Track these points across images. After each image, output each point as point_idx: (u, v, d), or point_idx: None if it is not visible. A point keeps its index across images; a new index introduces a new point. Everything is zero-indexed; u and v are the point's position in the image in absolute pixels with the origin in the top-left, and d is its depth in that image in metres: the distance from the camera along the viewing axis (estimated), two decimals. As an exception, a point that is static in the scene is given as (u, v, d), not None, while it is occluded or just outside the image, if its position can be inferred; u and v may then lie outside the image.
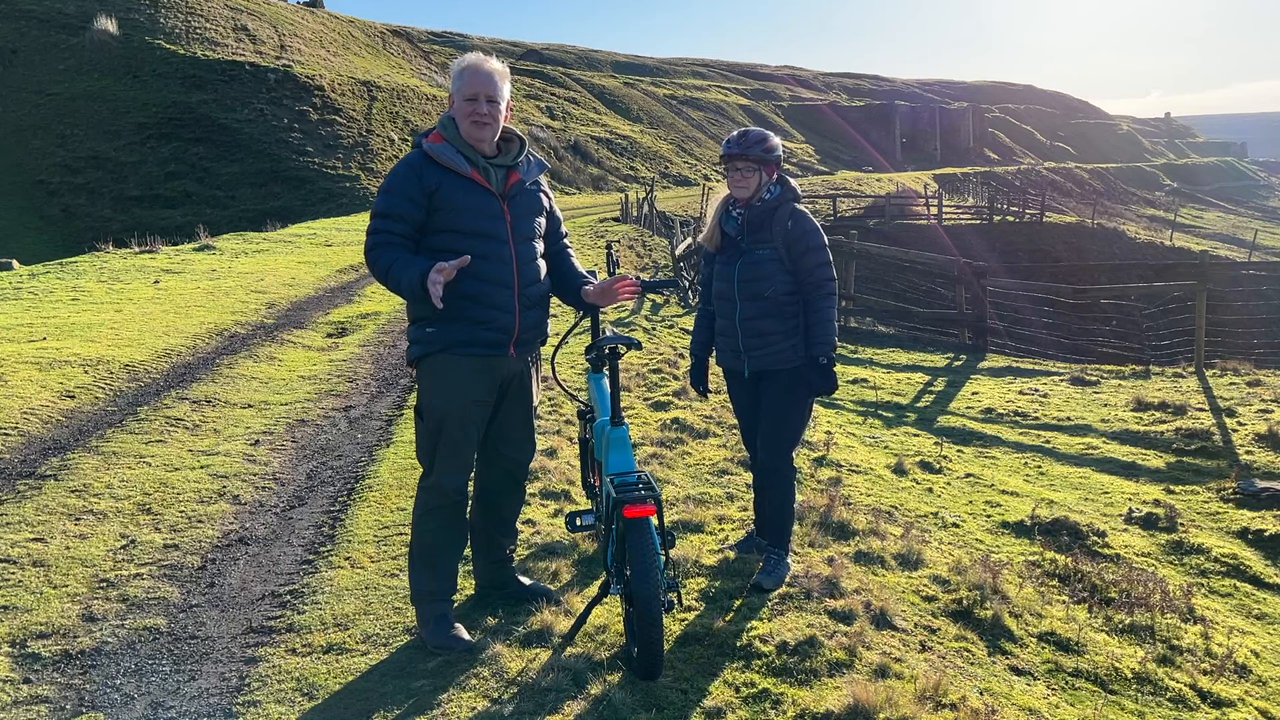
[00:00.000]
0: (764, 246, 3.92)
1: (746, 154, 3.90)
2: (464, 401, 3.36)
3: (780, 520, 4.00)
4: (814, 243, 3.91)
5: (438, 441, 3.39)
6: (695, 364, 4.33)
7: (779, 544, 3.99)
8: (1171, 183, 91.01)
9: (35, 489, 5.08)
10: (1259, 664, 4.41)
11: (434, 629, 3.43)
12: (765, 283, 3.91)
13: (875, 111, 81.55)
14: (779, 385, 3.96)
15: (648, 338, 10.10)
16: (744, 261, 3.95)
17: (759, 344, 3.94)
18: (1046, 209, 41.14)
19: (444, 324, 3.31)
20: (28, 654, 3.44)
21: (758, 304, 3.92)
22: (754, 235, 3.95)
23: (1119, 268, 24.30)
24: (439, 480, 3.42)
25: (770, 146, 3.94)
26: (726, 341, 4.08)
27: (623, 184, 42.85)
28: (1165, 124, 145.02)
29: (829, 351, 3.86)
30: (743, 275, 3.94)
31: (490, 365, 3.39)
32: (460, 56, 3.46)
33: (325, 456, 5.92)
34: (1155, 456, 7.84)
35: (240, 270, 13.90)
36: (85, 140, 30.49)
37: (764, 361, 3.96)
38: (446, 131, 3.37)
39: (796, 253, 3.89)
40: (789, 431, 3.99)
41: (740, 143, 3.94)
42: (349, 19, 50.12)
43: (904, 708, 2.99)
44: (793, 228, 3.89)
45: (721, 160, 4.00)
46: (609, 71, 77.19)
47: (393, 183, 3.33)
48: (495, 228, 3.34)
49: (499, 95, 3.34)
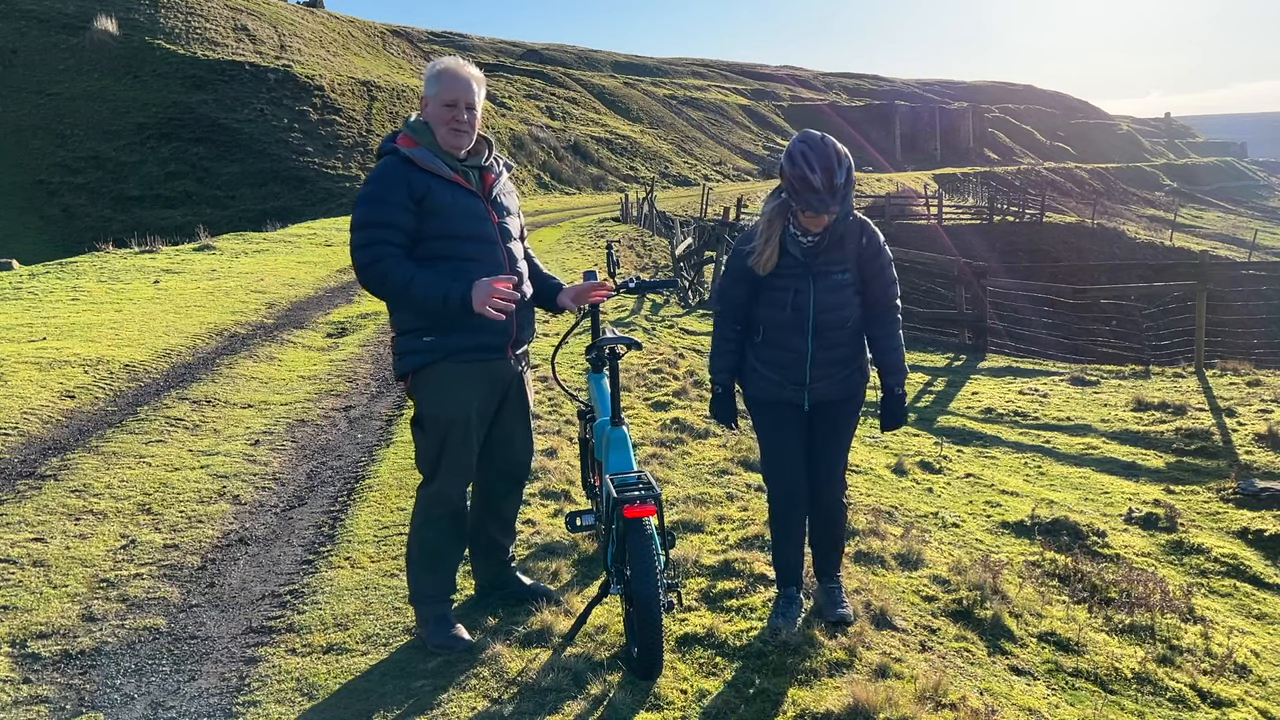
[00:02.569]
0: (839, 269, 3.42)
1: (850, 207, 3.35)
2: (469, 410, 3.33)
3: (842, 550, 3.83)
4: (886, 259, 3.49)
5: (441, 451, 3.34)
6: (722, 394, 3.66)
7: (837, 571, 3.81)
8: (1171, 183, 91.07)
9: (35, 489, 5.08)
10: (1259, 664, 4.41)
11: (434, 629, 3.43)
12: (844, 311, 3.44)
13: (875, 111, 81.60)
14: (842, 415, 3.58)
15: (648, 338, 10.10)
16: (820, 287, 3.40)
17: (830, 374, 3.50)
18: (1046, 209, 41.16)
19: (441, 333, 3.24)
20: (28, 654, 3.44)
21: (839, 333, 3.46)
22: (827, 256, 3.41)
23: (1119, 268, 24.31)
24: (442, 488, 3.39)
25: (854, 177, 3.32)
26: (782, 373, 3.51)
27: (623, 184, 42.87)
28: (1165, 124, 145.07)
29: (904, 380, 3.53)
30: (820, 304, 3.40)
31: (491, 370, 3.37)
32: (435, 60, 3.35)
33: (325, 456, 5.92)
34: (1155, 456, 7.84)
35: (240, 270, 13.90)
36: (85, 140, 30.51)
37: (830, 392, 3.52)
38: (420, 137, 3.24)
39: (870, 272, 3.46)
40: (845, 458, 3.70)
41: (839, 195, 3.24)
42: (349, 19, 50.15)
43: (904, 708, 2.99)
44: (867, 244, 3.44)
45: (794, 197, 3.29)
46: (609, 71, 77.20)
47: (377, 190, 3.15)
48: (484, 230, 3.29)
49: (477, 102, 3.27)
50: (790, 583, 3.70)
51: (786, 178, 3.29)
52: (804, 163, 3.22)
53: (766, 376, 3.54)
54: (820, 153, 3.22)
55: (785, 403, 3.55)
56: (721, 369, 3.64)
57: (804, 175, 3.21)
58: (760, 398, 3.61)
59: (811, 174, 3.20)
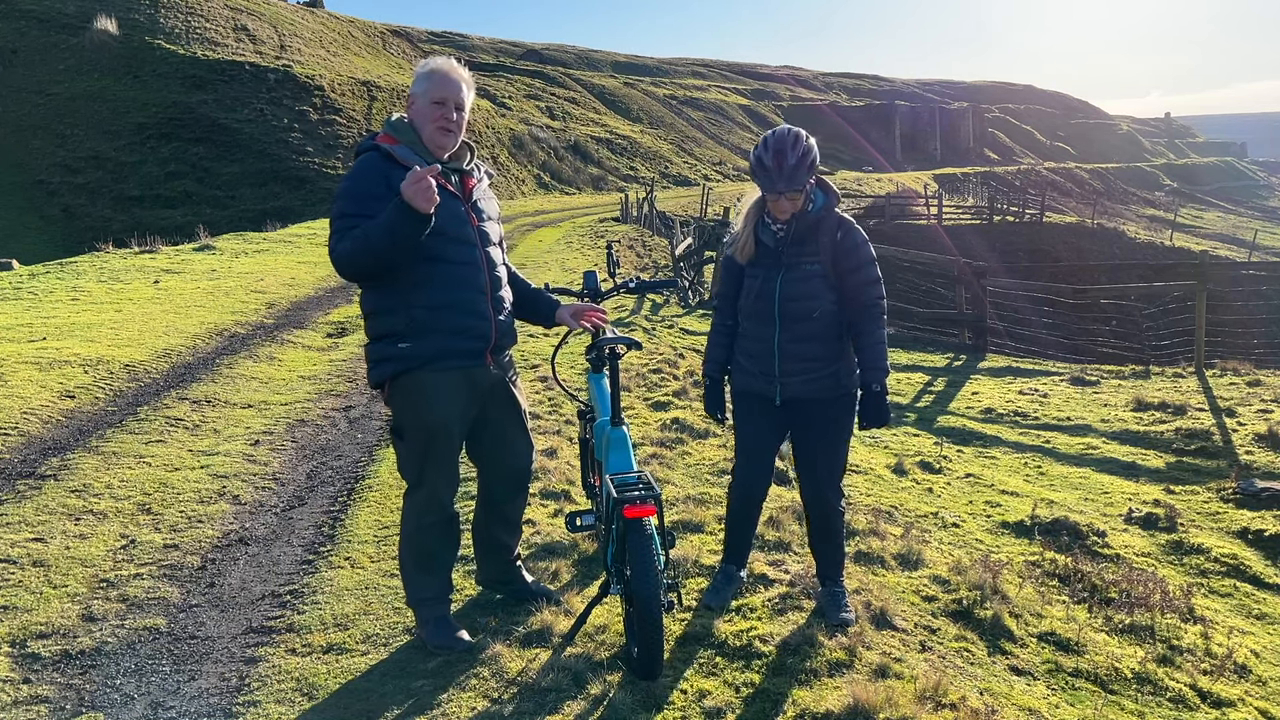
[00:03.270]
0: (810, 261, 3.50)
1: (797, 189, 3.41)
2: (449, 418, 3.26)
3: (843, 554, 3.84)
4: (865, 256, 3.53)
5: (425, 460, 3.29)
6: (711, 386, 3.82)
7: (841, 574, 3.82)
8: (1171, 183, 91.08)
9: (35, 489, 5.08)
10: (1259, 664, 4.41)
11: (434, 629, 3.42)
12: (812, 302, 3.50)
13: (875, 111, 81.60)
14: (827, 417, 3.61)
15: (648, 338, 10.10)
16: (786, 277, 3.51)
17: (799, 369, 3.54)
18: (1046, 209, 41.16)
19: (418, 338, 3.16)
20: (28, 654, 3.44)
21: (804, 325, 3.51)
22: (799, 247, 3.52)
23: (1119, 268, 24.30)
24: (430, 496, 3.34)
25: (814, 158, 3.44)
26: (756, 364, 3.63)
27: (623, 184, 42.86)
28: (1165, 124, 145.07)
29: (884, 378, 3.51)
30: (785, 293, 3.51)
31: (469, 377, 3.29)
32: (426, 59, 3.33)
33: (325, 456, 5.92)
34: (1155, 456, 7.84)
35: (240, 270, 13.90)
36: (85, 140, 30.50)
37: (802, 389, 3.56)
38: (402, 135, 3.21)
39: (846, 268, 3.50)
40: (842, 464, 3.72)
41: (783, 174, 3.38)
42: (349, 19, 50.15)
43: (904, 708, 2.99)
44: (842, 239, 3.51)
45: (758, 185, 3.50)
46: (609, 71, 77.20)
47: (355, 186, 3.12)
48: (464, 232, 3.25)
49: (466, 103, 3.25)
50: (731, 560, 3.87)
51: (750, 164, 3.53)
52: (761, 147, 3.45)
53: (744, 368, 3.69)
54: (777, 137, 3.44)
55: (759, 395, 3.67)
56: (710, 360, 3.82)
57: (759, 156, 3.44)
58: (739, 388, 3.76)
59: (764, 155, 3.42)
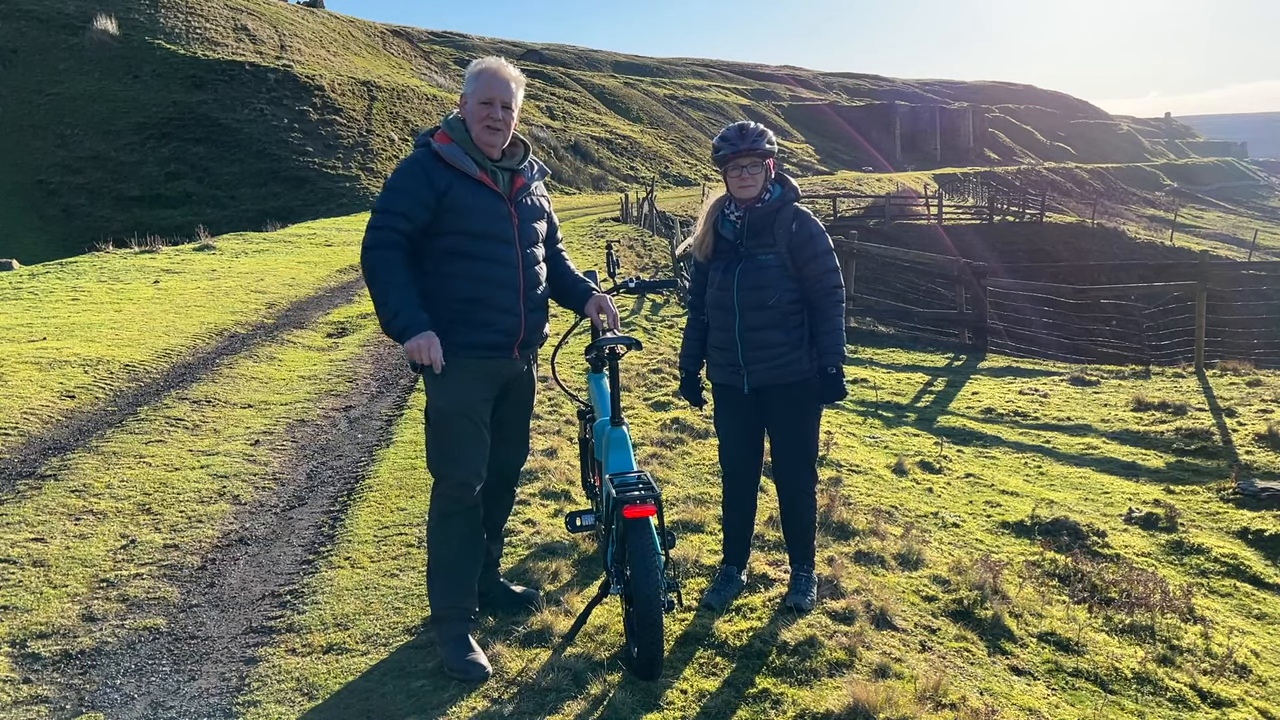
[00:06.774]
0: (766, 251, 3.66)
1: (754, 148, 3.61)
2: (468, 398, 3.32)
3: (810, 537, 3.89)
4: (821, 247, 3.67)
5: (446, 444, 3.34)
6: (686, 379, 3.98)
7: (809, 560, 3.88)
8: (1171, 183, 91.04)
9: (35, 489, 5.08)
10: (1259, 664, 4.41)
11: (452, 650, 3.31)
12: (769, 290, 3.64)
13: (875, 111, 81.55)
14: (789, 400, 3.72)
15: (648, 338, 10.10)
16: (744, 268, 3.67)
17: (762, 357, 3.67)
18: (1046, 209, 41.15)
19: (447, 326, 3.25)
20: (28, 654, 3.44)
21: (761, 314, 3.65)
22: (755, 239, 3.68)
23: (1119, 268, 24.32)
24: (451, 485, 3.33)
25: (770, 137, 3.71)
26: (723, 355, 3.77)
27: (623, 184, 42.85)
28: (1165, 124, 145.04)
29: (839, 361, 3.63)
30: (743, 283, 3.65)
31: (493, 368, 3.37)
32: (478, 59, 3.43)
33: (325, 456, 5.92)
34: (1155, 456, 7.84)
35: (240, 270, 13.90)
36: (85, 140, 30.49)
37: (767, 376, 3.69)
38: (455, 133, 3.32)
39: (803, 258, 3.65)
40: (810, 446, 3.82)
41: (744, 137, 3.63)
42: (349, 19, 50.14)
43: (904, 708, 2.99)
44: (798, 230, 3.66)
45: (719, 160, 3.69)
46: (609, 71, 77.17)
47: (400, 181, 3.25)
48: (503, 230, 3.32)
49: (514, 103, 3.33)
50: (731, 561, 3.94)
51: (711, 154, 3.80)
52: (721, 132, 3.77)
53: (715, 360, 3.85)
54: (738, 125, 3.73)
55: (730, 386, 3.82)
56: (684, 354, 4.03)
57: (721, 137, 3.71)
58: (714, 382, 3.91)
59: (726, 132, 3.72)
